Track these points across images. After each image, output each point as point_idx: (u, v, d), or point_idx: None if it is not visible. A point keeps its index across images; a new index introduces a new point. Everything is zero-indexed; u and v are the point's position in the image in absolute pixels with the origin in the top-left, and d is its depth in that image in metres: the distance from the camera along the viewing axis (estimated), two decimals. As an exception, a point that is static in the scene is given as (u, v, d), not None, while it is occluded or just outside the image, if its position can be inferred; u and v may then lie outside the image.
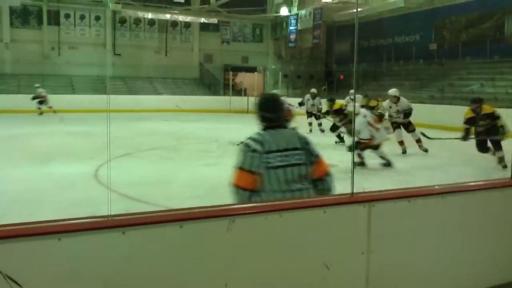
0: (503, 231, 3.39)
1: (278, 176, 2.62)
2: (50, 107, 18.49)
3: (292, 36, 26.72)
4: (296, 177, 2.68)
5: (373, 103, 12.03)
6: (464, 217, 3.21)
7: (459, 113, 15.56)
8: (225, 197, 2.76)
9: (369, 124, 8.13)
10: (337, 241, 2.74)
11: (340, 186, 2.94)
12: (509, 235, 3.41)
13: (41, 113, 18.37)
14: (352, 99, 11.15)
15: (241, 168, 2.64)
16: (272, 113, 2.71)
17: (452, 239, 3.15)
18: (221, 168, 8.26)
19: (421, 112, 17.13)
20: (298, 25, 26.02)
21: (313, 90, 14.49)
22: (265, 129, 2.71)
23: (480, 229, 3.28)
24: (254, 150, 2.60)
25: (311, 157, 2.74)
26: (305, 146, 2.72)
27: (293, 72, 28.16)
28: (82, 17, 25.48)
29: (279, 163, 2.61)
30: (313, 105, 14.12)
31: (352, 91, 12.15)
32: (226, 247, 2.41)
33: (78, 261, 2.09)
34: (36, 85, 19.17)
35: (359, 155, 8.20)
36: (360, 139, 7.93)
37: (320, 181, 2.78)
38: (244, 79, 27.49)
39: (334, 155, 9.45)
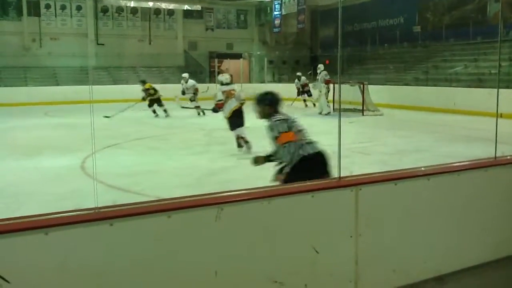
0: (488, 209, 3.44)
1: None
2: (197, 106, 15.94)
3: (277, 22, 26.57)
4: None
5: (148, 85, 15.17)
6: (450, 197, 3.25)
7: (443, 94, 15.92)
8: (214, 185, 2.76)
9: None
10: (325, 225, 2.76)
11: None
12: (494, 213, 3.47)
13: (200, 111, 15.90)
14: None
15: None
16: None
17: (439, 220, 3.19)
18: (208, 156, 8.25)
19: (406, 94, 17.33)
20: (282, 10, 25.86)
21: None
22: None
23: (466, 208, 3.32)
24: None
25: None
26: None
27: (278, 58, 28.06)
28: (63, 7, 24.99)
29: None
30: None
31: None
32: (215, 236, 2.42)
33: (66, 254, 2.07)
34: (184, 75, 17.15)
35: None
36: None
37: None
38: (229, 66, 27.30)
39: (322, 140, 9.52)
